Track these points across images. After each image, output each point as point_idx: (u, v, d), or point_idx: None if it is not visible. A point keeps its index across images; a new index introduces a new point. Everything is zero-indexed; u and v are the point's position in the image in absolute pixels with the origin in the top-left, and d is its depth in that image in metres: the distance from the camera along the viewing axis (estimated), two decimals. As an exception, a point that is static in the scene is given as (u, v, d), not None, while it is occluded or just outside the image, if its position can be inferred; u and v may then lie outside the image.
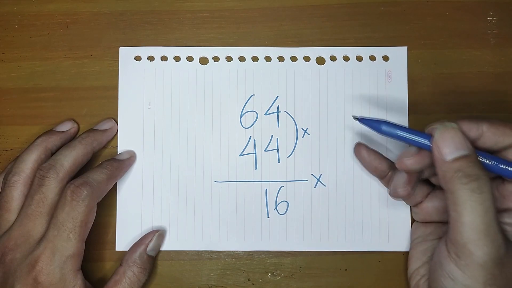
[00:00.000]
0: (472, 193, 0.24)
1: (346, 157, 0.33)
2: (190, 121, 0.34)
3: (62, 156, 0.30)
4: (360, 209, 0.33)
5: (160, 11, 0.34)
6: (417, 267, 0.30)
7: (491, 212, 0.24)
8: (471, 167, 0.24)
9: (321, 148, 0.33)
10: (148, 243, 0.31)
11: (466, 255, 0.24)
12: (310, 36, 0.34)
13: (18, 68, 0.34)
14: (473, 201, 0.24)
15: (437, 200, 0.30)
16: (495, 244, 0.24)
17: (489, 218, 0.24)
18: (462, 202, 0.24)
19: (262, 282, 0.33)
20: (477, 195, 0.24)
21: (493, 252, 0.24)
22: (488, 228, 0.24)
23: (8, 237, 0.28)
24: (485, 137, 0.26)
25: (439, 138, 0.25)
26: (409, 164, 0.27)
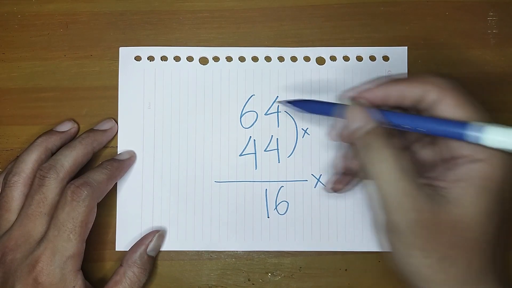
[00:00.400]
0: (380, 165, 0.24)
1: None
2: (190, 121, 0.34)
3: (62, 156, 0.30)
4: (360, 209, 0.33)
5: (160, 11, 0.34)
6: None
7: (404, 180, 0.23)
8: (375, 140, 0.24)
9: (321, 148, 0.33)
10: (148, 244, 0.31)
11: (391, 226, 0.24)
12: (310, 36, 0.34)
13: (18, 68, 0.34)
14: (382, 172, 0.24)
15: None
16: (415, 209, 0.23)
17: (402, 186, 0.23)
18: (373, 176, 0.24)
19: (262, 282, 0.33)
20: (384, 165, 0.24)
21: (415, 217, 0.23)
22: (402, 197, 0.23)
23: (9, 237, 0.28)
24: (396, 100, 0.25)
25: (347, 116, 0.26)
26: (333, 136, 0.28)
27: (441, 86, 0.24)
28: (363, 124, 0.25)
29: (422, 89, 0.25)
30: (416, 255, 0.23)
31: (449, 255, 0.22)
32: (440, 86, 0.24)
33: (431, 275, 0.23)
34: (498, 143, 0.21)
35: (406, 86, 0.25)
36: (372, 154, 0.24)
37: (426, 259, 0.23)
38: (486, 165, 0.22)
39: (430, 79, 0.25)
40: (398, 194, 0.23)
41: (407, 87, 0.25)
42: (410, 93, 0.25)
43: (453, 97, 0.24)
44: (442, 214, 0.22)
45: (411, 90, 0.25)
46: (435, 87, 0.24)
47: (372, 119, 0.25)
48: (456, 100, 0.24)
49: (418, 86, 0.25)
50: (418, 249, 0.23)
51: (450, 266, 0.23)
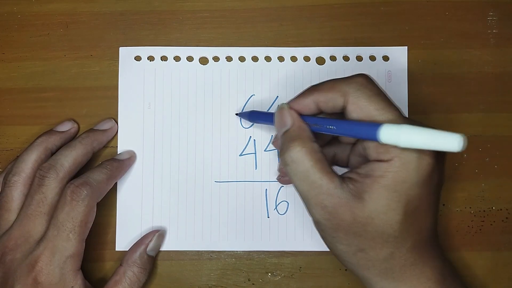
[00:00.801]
0: (290, 166, 0.25)
1: (346, 157, 0.33)
2: (190, 121, 0.34)
3: (62, 156, 0.30)
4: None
5: (160, 11, 0.34)
6: None
7: (316, 176, 0.24)
8: (290, 140, 0.26)
9: (321, 148, 0.33)
10: (148, 243, 0.31)
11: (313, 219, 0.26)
12: (310, 36, 0.34)
13: (18, 68, 0.34)
14: (291, 173, 0.25)
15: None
16: (328, 204, 0.24)
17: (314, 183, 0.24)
18: (288, 175, 0.26)
19: (262, 282, 0.33)
20: (291, 165, 0.25)
21: (329, 212, 0.24)
22: (316, 194, 0.24)
23: (8, 237, 0.28)
24: (321, 103, 0.26)
25: (274, 121, 0.28)
26: (275, 143, 0.31)
27: (343, 91, 0.25)
28: (282, 125, 0.27)
29: (329, 96, 0.26)
30: (339, 247, 0.25)
31: (365, 246, 0.25)
32: (343, 91, 0.25)
33: (354, 261, 0.26)
34: (393, 142, 0.22)
35: (318, 95, 0.26)
36: (287, 153, 0.25)
37: (347, 249, 0.25)
38: (387, 165, 0.23)
39: (336, 86, 0.26)
40: (311, 191, 0.25)
41: (319, 96, 0.26)
42: (322, 101, 0.26)
43: (353, 102, 0.25)
44: (354, 208, 0.24)
45: (322, 98, 0.26)
46: (338, 93, 0.25)
47: (290, 121, 0.26)
48: (356, 105, 0.24)
49: (326, 94, 0.26)
50: (339, 242, 0.25)
51: (367, 254, 0.25)
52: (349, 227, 0.24)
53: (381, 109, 0.24)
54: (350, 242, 0.25)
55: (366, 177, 0.24)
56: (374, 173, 0.24)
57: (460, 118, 0.34)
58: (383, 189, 0.23)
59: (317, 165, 0.25)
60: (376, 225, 0.24)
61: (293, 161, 0.25)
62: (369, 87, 0.25)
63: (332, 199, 0.24)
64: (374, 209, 0.24)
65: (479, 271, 0.33)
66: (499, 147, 0.34)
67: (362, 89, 0.25)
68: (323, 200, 0.24)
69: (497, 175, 0.33)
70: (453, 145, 0.20)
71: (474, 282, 0.33)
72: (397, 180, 0.23)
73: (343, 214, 0.24)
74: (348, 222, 0.24)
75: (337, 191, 0.24)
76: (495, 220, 0.33)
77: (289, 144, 0.25)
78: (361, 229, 0.24)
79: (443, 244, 0.33)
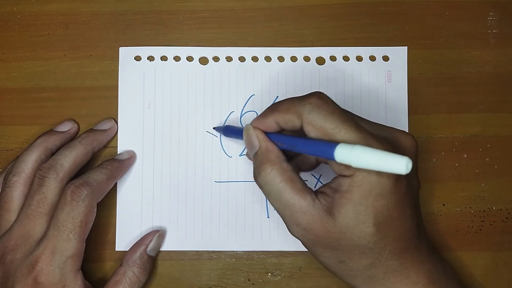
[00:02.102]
0: (264, 188, 0.26)
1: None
2: (190, 121, 0.34)
3: (62, 156, 0.30)
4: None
5: (160, 11, 0.34)
6: None
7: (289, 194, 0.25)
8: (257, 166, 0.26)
9: (321, 148, 0.33)
10: (148, 243, 0.31)
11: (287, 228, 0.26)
12: (310, 36, 0.34)
13: (18, 68, 0.34)
14: (266, 194, 0.26)
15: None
16: (295, 215, 0.25)
17: (282, 204, 0.25)
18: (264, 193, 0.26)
19: (262, 282, 0.33)
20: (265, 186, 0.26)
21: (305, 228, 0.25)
22: (291, 212, 0.25)
23: (8, 237, 0.28)
24: (281, 123, 0.27)
25: (244, 139, 0.28)
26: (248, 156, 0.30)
27: (299, 113, 0.25)
28: (250, 147, 0.27)
29: (286, 118, 0.26)
30: (321, 259, 0.26)
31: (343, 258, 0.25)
32: (298, 113, 0.25)
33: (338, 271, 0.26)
34: (347, 162, 0.22)
35: (277, 116, 0.26)
36: (259, 176, 0.26)
37: (328, 261, 0.26)
38: (350, 180, 0.24)
39: (292, 107, 0.26)
40: (286, 210, 0.25)
41: (278, 116, 0.26)
42: (282, 121, 0.26)
43: (309, 123, 0.25)
44: (326, 224, 0.24)
45: (281, 118, 0.26)
46: (294, 115, 0.25)
47: (256, 143, 0.27)
48: (312, 125, 0.25)
49: (283, 116, 0.26)
50: (319, 255, 0.26)
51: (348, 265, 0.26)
52: (324, 242, 0.25)
53: (336, 127, 0.24)
54: (329, 255, 0.26)
55: (336, 192, 0.25)
56: (341, 188, 0.24)
57: (460, 118, 0.34)
58: (350, 203, 0.24)
59: (288, 185, 0.25)
60: (349, 238, 0.24)
61: (266, 184, 0.26)
62: (323, 107, 0.25)
63: (305, 216, 0.25)
64: (344, 223, 0.24)
65: (479, 271, 0.33)
66: (499, 147, 0.34)
67: (316, 109, 0.25)
68: (297, 218, 0.25)
69: (497, 175, 0.33)
70: (400, 168, 0.20)
71: (474, 282, 0.33)
72: (361, 194, 0.24)
73: (317, 230, 0.25)
74: (323, 237, 0.25)
75: (310, 209, 0.25)
76: (495, 220, 0.33)
77: (260, 167, 0.26)
78: (336, 243, 0.25)
79: (443, 244, 0.33)
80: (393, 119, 0.33)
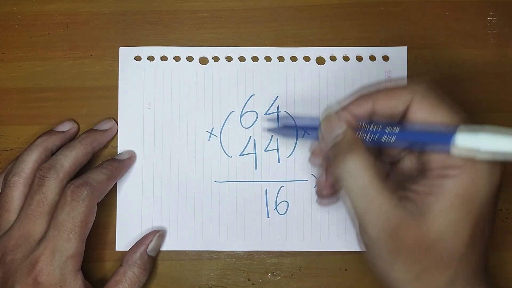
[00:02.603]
0: (346, 181, 0.23)
1: (346, 157, 0.33)
2: (190, 121, 0.34)
3: (62, 156, 0.30)
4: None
5: (160, 11, 0.34)
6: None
7: (372, 190, 0.23)
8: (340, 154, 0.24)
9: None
10: (148, 244, 0.31)
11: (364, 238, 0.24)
12: (310, 36, 0.34)
13: (18, 68, 0.34)
14: (347, 189, 0.23)
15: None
16: (381, 217, 0.22)
17: (371, 196, 0.23)
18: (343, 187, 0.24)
19: (262, 282, 0.33)
20: (348, 179, 0.23)
21: (385, 230, 0.22)
22: (373, 209, 0.22)
23: (8, 238, 0.28)
24: (379, 110, 0.25)
25: (322, 129, 0.26)
26: (315, 161, 0.28)
27: (405, 99, 0.23)
28: (330, 135, 0.25)
29: (390, 103, 0.24)
30: (394, 274, 0.23)
31: (424, 271, 0.22)
32: (405, 99, 0.23)
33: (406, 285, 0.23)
34: (467, 152, 0.20)
35: (376, 102, 0.24)
36: (342, 166, 0.23)
37: (404, 276, 0.23)
38: (453, 181, 0.22)
39: (397, 92, 0.24)
40: (370, 210, 0.23)
41: (377, 103, 0.24)
42: (380, 109, 0.24)
43: (419, 108, 0.23)
44: (417, 229, 0.22)
45: (380, 105, 0.24)
46: (399, 100, 0.24)
47: (341, 130, 0.25)
48: (423, 111, 0.23)
49: (385, 102, 0.24)
50: (396, 269, 0.23)
51: (424, 281, 0.22)
52: (410, 250, 0.22)
53: (454, 112, 0.22)
54: (409, 268, 0.22)
55: (429, 195, 0.22)
56: (438, 190, 0.22)
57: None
58: (451, 208, 0.21)
59: (376, 180, 0.23)
60: (442, 248, 0.22)
61: (350, 176, 0.23)
62: (434, 92, 0.23)
63: (393, 219, 0.22)
64: (440, 230, 0.22)
65: (479, 271, 0.33)
66: (499, 147, 0.34)
67: (428, 94, 0.23)
68: (382, 221, 0.22)
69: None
70: None
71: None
72: (466, 197, 0.21)
73: (405, 236, 0.22)
74: (410, 245, 0.22)
75: (398, 211, 0.22)
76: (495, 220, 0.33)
77: (344, 156, 0.23)
78: (423, 253, 0.22)
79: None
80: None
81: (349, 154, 0.23)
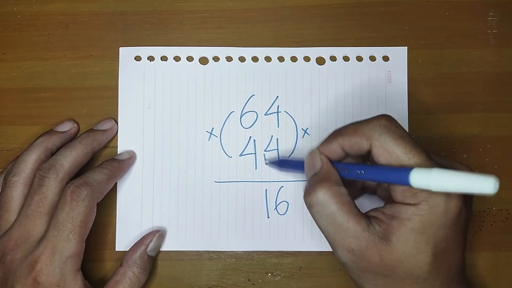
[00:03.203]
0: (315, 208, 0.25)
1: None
2: (190, 121, 0.34)
3: (62, 156, 0.30)
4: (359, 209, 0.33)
5: (160, 11, 0.34)
6: None
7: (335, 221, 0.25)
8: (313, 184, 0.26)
9: (321, 148, 0.33)
10: (148, 244, 0.31)
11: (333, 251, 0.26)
12: (310, 36, 0.34)
13: (18, 68, 0.34)
14: (316, 215, 0.25)
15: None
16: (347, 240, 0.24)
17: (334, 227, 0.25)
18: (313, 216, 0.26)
19: (262, 282, 0.33)
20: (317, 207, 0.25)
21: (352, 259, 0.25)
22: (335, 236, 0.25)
23: (8, 237, 0.28)
24: (346, 147, 0.26)
25: (305, 164, 0.28)
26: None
27: (368, 135, 0.25)
28: (311, 168, 0.27)
29: (353, 141, 0.25)
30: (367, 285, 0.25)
31: (393, 286, 0.24)
32: (367, 135, 0.25)
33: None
34: (424, 186, 0.21)
35: (342, 140, 0.26)
36: (313, 194, 0.25)
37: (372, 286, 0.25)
38: (414, 208, 0.23)
39: (359, 129, 0.25)
40: (337, 234, 0.25)
41: (343, 140, 0.26)
42: (347, 145, 0.26)
43: (379, 146, 0.24)
44: (382, 251, 0.24)
45: (347, 142, 0.26)
46: (363, 137, 0.25)
47: (319, 164, 0.27)
48: (383, 149, 0.24)
49: (350, 139, 0.26)
50: (367, 283, 0.25)
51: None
52: (377, 269, 0.24)
53: (408, 152, 0.23)
54: (378, 283, 0.25)
55: (393, 219, 0.24)
56: (401, 215, 0.24)
57: (460, 118, 0.34)
58: (411, 232, 0.23)
59: (344, 208, 0.24)
60: (405, 267, 0.24)
61: (318, 203, 0.25)
62: (392, 129, 0.24)
63: (359, 242, 0.24)
64: (402, 252, 0.23)
65: (479, 271, 0.33)
66: (499, 147, 0.34)
67: (386, 132, 0.24)
68: (350, 244, 0.24)
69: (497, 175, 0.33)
70: (487, 188, 0.19)
71: (474, 282, 0.33)
72: (425, 224, 0.23)
73: (370, 257, 0.24)
74: (376, 264, 0.24)
75: (364, 234, 0.24)
76: (495, 220, 0.33)
77: (315, 186, 0.25)
78: (390, 271, 0.24)
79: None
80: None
81: (320, 184, 0.25)
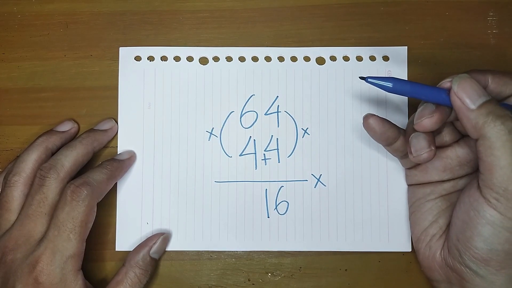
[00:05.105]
0: (509, 133, 0.24)
1: (346, 157, 0.33)
2: (190, 121, 0.34)
3: (63, 156, 0.30)
4: (360, 209, 0.33)
5: (160, 11, 0.34)
6: (424, 228, 0.30)
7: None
8: (499, 109, 0.24)
9: (321, 148, 0.33)
10: (152, 246, 0.31)
11: (507, 198, 0.24)
12: (310, 36, 0.34)
13: (18, 68, 0.34)
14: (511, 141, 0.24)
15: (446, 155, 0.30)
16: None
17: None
18: (501, 145, 0.24)
19: (262, 282, 0.33)
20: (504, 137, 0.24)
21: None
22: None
23: (9, 237, 0.28)
24: (490, 88, 0.26)
25: (459, 89, 0.25)
26: (430, 123, 0.26)
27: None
28: (477, 95, 0.25)
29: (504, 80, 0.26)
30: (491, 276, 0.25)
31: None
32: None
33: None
34: None
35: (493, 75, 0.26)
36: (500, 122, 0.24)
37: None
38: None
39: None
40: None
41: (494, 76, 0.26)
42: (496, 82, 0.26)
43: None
44: None
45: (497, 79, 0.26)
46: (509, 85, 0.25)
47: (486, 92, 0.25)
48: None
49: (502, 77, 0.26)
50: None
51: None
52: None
53: None
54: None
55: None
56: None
57: (460, 118, 0.34)
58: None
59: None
60: None
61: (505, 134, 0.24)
62: None
63: None
64: None
65: (478, 271, 0.33)
66: (499, 147, 0.34)
67: None
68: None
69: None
70: None
71: (473, 282, 0.33)
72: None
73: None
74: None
75: None
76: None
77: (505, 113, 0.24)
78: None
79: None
80: (393, 119, 0.33)
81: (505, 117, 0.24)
